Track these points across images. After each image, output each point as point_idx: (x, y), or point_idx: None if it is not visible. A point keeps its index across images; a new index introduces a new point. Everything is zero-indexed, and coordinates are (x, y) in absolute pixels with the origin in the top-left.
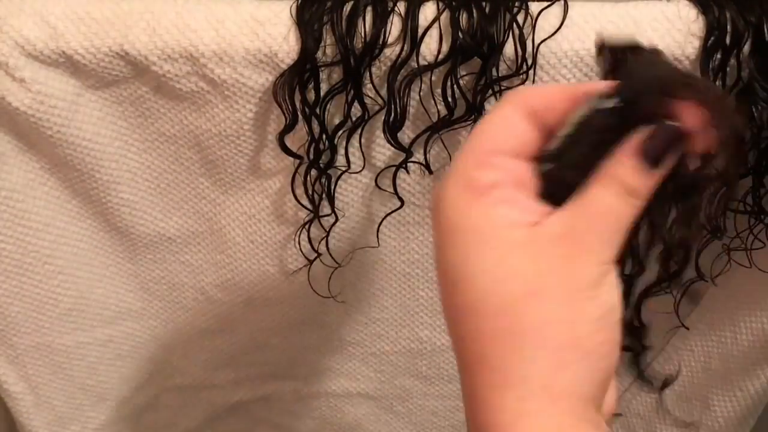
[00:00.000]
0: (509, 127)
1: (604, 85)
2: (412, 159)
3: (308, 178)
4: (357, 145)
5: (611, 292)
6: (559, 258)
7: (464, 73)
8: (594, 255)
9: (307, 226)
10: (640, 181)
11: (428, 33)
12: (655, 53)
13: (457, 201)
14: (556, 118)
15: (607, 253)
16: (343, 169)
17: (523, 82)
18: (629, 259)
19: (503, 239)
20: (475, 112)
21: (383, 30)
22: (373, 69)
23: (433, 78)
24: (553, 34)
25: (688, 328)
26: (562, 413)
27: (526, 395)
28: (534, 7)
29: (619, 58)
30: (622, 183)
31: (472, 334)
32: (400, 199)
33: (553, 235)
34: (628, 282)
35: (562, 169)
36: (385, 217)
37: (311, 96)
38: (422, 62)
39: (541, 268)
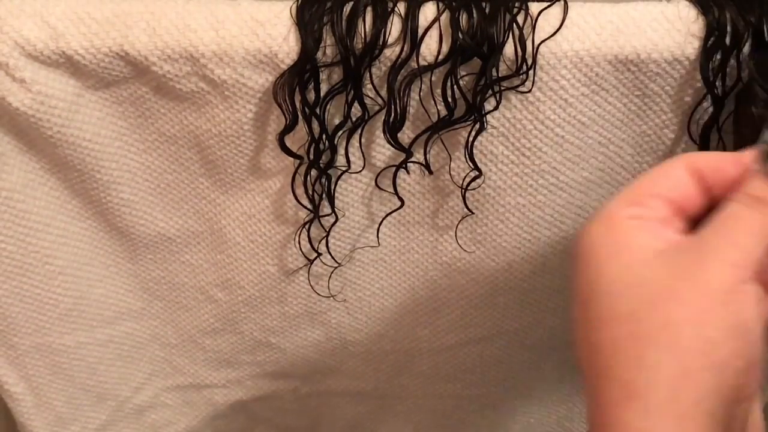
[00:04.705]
0: (671, 177)
1: None
2: (412, 159)
3: (308, 178)
4: (357, 145)
5: (748, 303)
6: (689, 262)
7: (464, 73)
8: (724, 256)
9: (307, 226)
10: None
11: (428, 33)
12: None
13: (597, 228)
14: (723, 182)
15: (739, 256)
16: (343, 169)
17: (522, 83)
18: None
19: (635, 252)
20: (475, 112)
21: (383, 30)
22: (373, 69)
23: (433, 78)
24: (553, 35)
25: None
26: None
27: (650, 409)
28: (534, 8)
29: None
30: (749, 192)
31: (597, 346)
32: (400, 199)
33: (684, 244)
34: None
35: None
36: (385, 217)
37: (311, 96)
38: (422, 62)
39: (670, 272)
